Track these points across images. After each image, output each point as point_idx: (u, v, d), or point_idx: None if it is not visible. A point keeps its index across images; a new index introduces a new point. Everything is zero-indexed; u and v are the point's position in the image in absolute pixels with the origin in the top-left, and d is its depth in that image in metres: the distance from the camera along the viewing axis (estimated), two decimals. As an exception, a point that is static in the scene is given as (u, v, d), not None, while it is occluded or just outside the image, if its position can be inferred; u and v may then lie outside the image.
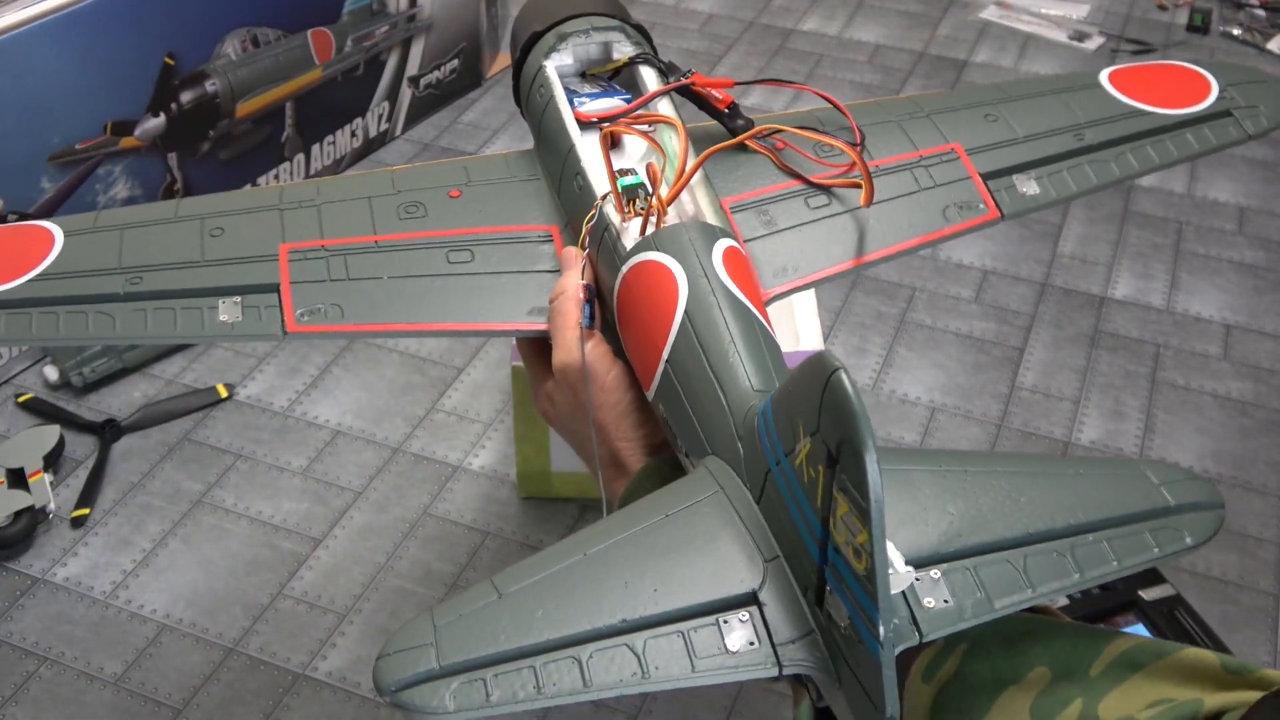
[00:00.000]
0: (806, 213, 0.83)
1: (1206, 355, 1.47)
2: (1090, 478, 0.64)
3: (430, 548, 1.23)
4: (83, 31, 1.34)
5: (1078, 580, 0.60)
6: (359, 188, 0.85)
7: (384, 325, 0.78)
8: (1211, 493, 0.64)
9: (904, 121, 0.90)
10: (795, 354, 1.16)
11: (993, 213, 0.85)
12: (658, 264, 0.72)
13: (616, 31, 0.88)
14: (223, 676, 1.11)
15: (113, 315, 0.78)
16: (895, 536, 0.58)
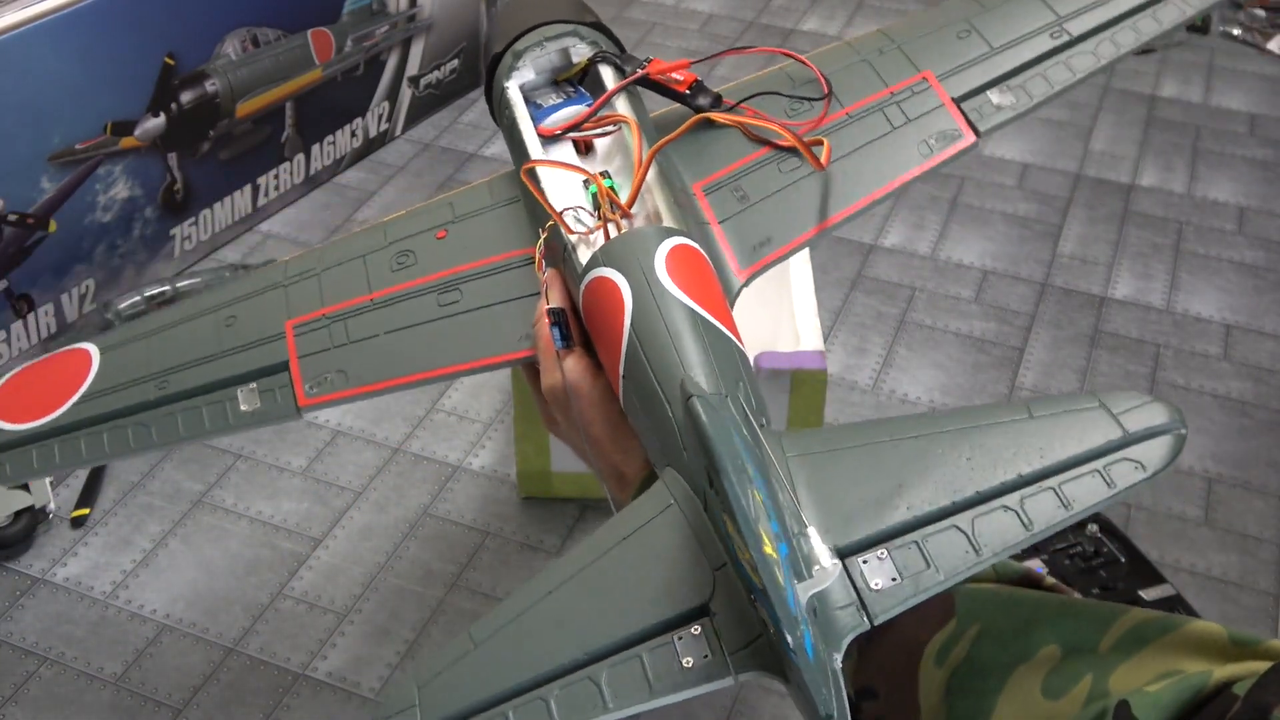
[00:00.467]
0: (780, 179, 0.82)
1: (1206, 355, 1.47)
2: (1042, 420, 0.62)
3: (430, 548, 1.23)
4: (83, 31, 1.34)
5: (1028, 536, 0.59)
6: (355, 248, 0.87)
7: (386, 383, 0.80)
8: (1171, 414, 0.60)
9: (874, 59, 0.88)
10: (796, 354, 1.16)
11: (969, 136, 0.84)
12: (605, 279, 0.72)
13: (570, 36, 0.87)
14: (223, 676, 1.11)
15: (148, 424, 0.82)
16: (834, 525, 0.59)
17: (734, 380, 0.67)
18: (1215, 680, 0.58)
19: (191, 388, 0.82)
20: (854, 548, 0.59)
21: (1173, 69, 2.06)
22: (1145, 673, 0.60)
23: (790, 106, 0.85)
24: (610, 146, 0.84)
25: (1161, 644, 0.62)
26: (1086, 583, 1.08)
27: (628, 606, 0.59)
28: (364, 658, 1.12)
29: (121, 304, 1.40)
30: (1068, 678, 0.61)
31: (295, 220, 1.68)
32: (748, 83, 0.88)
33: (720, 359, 0.67)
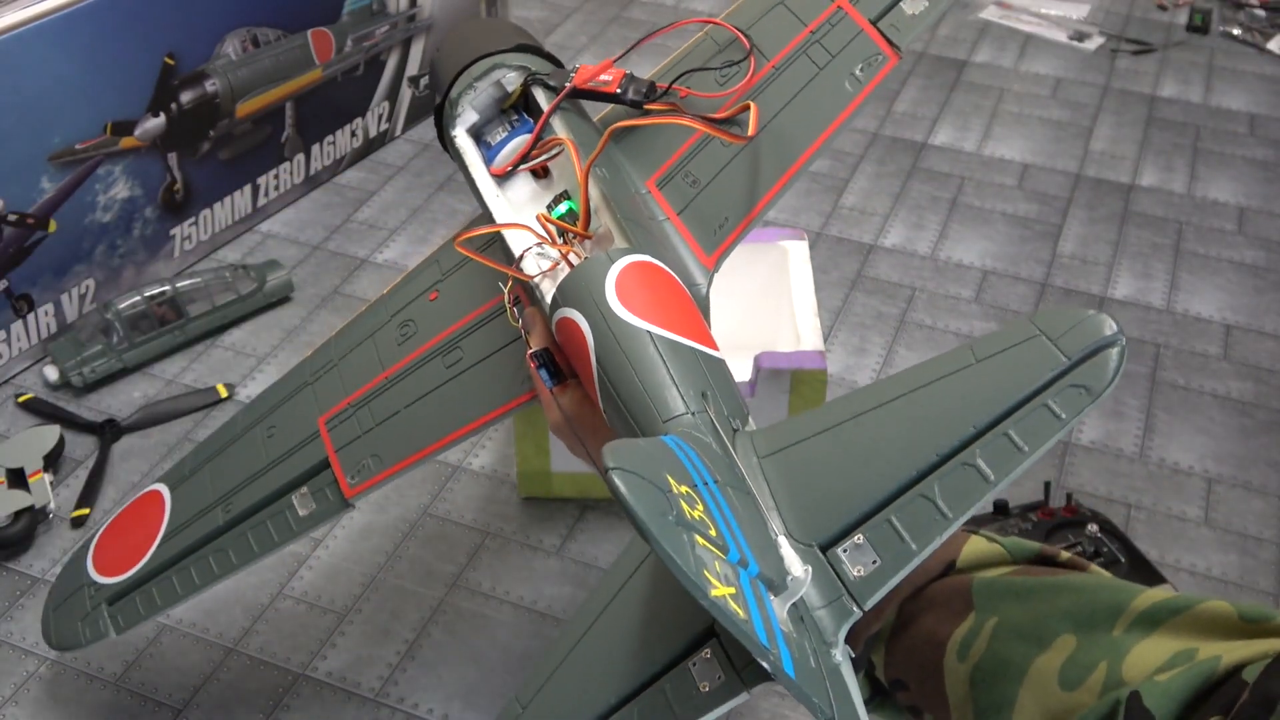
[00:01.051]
0: (725, 153, 0.84)
1: (1206, 355, 1.47)
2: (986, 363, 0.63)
3: (430, 548, 1.23)
4: (83, 31, 1.34)
5: (992, 484, 0.60)
6: (363, 329, 0.92)
7: (417, 455, 0.86)
8: (1103, 327, 0.61)
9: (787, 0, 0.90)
10: (796, 354, 1.16)
11: (891, 57, 0.85)
12: (567, 319, 0.74)
13: (495, 70, 0.88)
14: (223, 676, 1.11)
15: (225, 548, 0.91)
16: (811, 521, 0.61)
17: (700, 394, 0.68)
18: (1225, 665, 0.59)
19: (252, 504, 0.90)
20: (832, 539, 0.61)
21: (1173, 69, 2.06)
22: (1158, 654, 0.61)
23: (720, 76, 0.87)
24: (564, 163, 0.86)
25: (1173, 624, 0.63)
26: (1086, 583, 1.08)
27: (644, 645, 0.61)
28: (364, 658, 1.12)
29: (121, 304, 1.40)
30: (1083, 667, 0.63)
31: (295, 220, 1.68)
32: (676, 62, 0.90)
33: (684, 376, 0.69)
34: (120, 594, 0.96)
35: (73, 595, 0.99)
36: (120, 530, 0.99)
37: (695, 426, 0.66)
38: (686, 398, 0.67)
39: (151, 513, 0.96)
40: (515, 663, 1.12)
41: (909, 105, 1.95)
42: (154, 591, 0.94)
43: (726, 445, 0.65)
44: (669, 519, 0.51)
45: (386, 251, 1.62)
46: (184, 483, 0.96)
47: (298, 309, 1.53)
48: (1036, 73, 2.04)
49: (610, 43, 2.10)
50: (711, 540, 0.53)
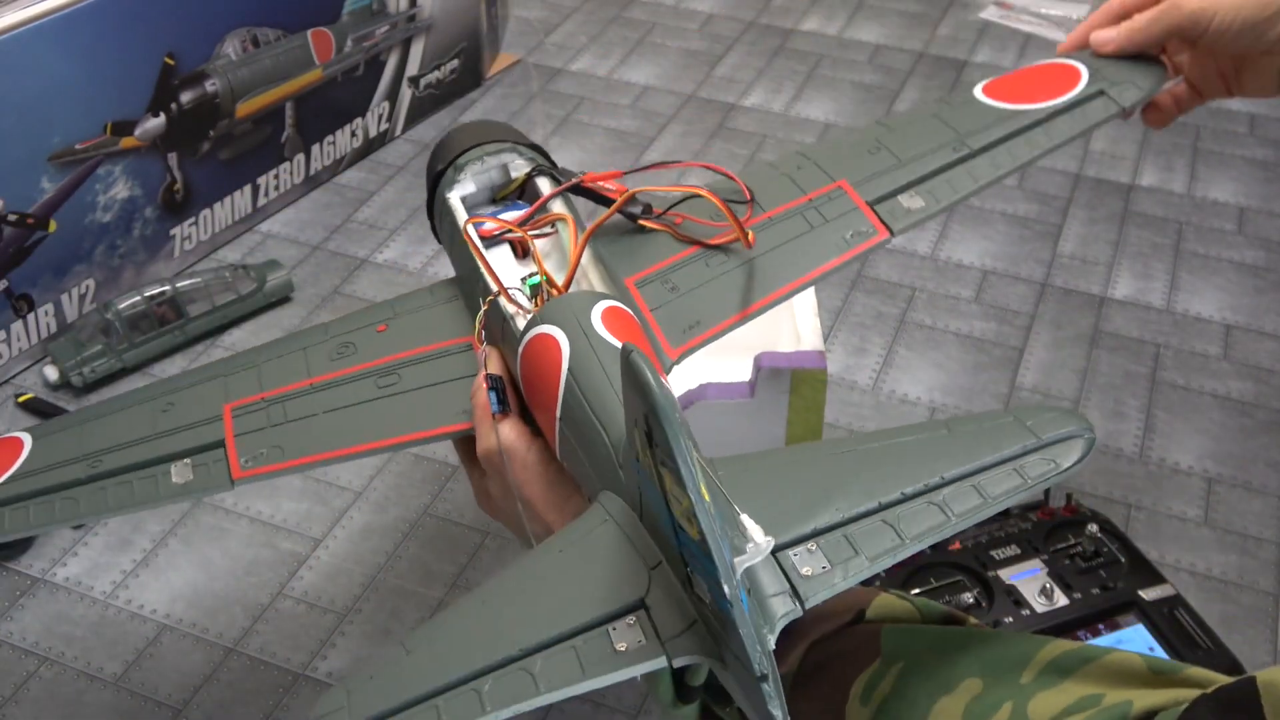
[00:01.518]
0: (707, 273, 0.87)
1: (1206, 355, 1.47)
2: (962, 434, 0.66)
3: (430, 548, 1.23)
4: (83, 31, 1.34)
5: (950, 521, 0.62)
6: (295, 343, 0.90)
7: (321, 455, 0.82)
8: (1079, 421, 0.66)
9: (792, 172, 0.94)
10: (796, 354, 1.16)
11: (882, 233, 0.89)
12: (544, 334, 0.75)
13: (509, 153, 0.92)
14: (223, 676, 1.11)
15: (76, 498, 0.83)
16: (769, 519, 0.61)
17: None
18: (1137, 710, 0.59)
19: (124, 465, 0.83)
20: (784, 544, 0.62)
21: (1173, 69, 2.06)
22: (1065, 699, 0.61)
23: (715, 213, 0.90)
24: (546, 248, 0.88)
25: (1082, 674, 0.63)
26: (1086, 583, 1.08)
27: (563, 606, 0.61)
28: (364, 658, 1.12)
29: (121, 304, 1.40)
30: (988, 706, 0.63)
31: (295, 220, 1.68)
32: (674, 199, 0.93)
33: None
34: None
35: None
36: None
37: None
38: None
39: (4, 456, 0.88)
40: (515, 663, 1.12)
41: (909, 105, 1.95)
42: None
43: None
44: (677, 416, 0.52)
45: (386, 251, 1.62)
46: (50, 435, 0.88)
47: (298, 309, 1.53)
48: (1036, 73, 2.04)
49: (610, 43, 2.10)
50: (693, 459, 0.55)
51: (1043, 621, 1.04)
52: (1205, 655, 1.02)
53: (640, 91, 1.97)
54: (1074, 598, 1.06)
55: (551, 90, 1.97)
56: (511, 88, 1.98)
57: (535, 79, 2.00)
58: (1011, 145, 0.94)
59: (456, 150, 0.93)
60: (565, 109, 1.92)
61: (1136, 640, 1.04)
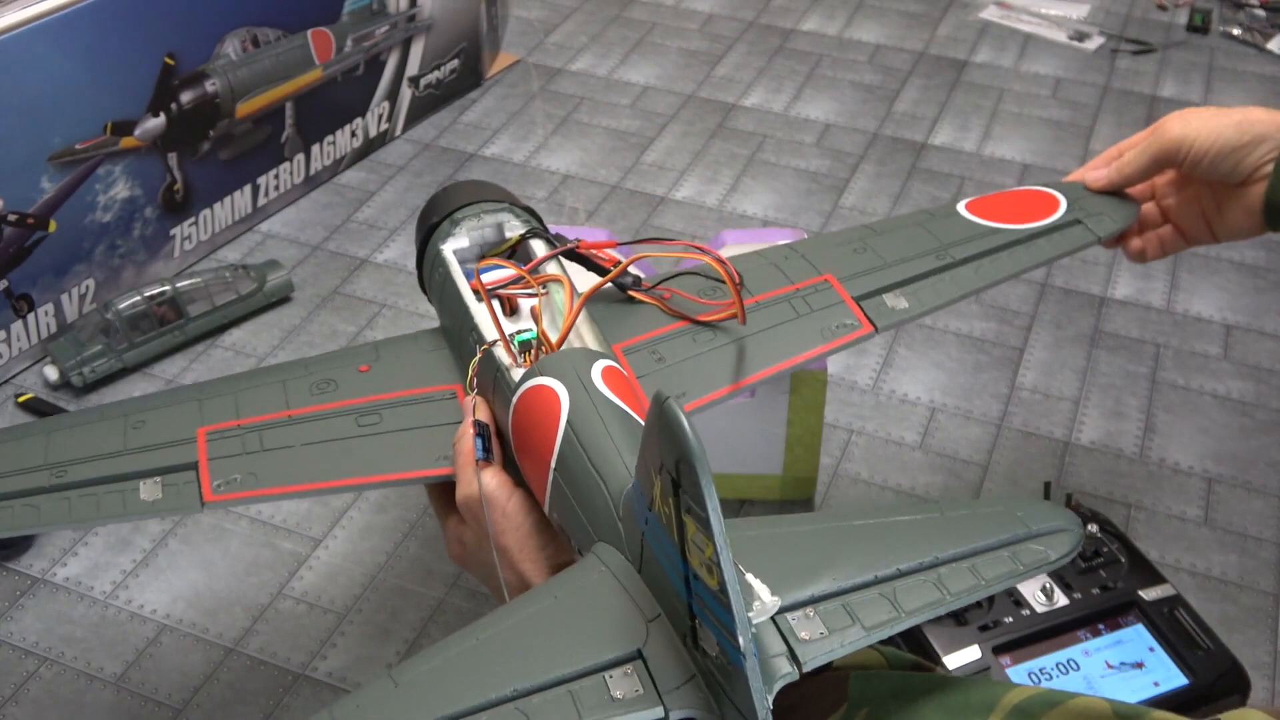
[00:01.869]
0: (694, 347, 0.89)
1: (1206, 355, 1.47)
2: (957, 519, 0.69)
3: (430, 548, 1.23)
4: (83, 31, 1.34)
5: (946, 599, 0.64)
6: (274, 374, 0.90)
7: (296, 486, 0.82)
8: (1069, 518, 0.69)
9: (780, 262, 0.96)
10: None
11: (866, 327, 0.91)
12: (542, 386, 0.76)
13: (505, 213, 0.94)
14: (223, 676, 1.11)
15: (37, 505, 0.80)
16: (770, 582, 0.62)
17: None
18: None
19: (91, 478, 0.81)
20: (784, 608, 0.63)
21: (1173, 69, 2.06)
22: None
23: (704, 291, 0.92)
24: (537, 308, 0.89)
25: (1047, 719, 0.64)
26: (1086, 583, 1.08)
27: (558, 651, 0.61)
28: (364, 658, 1.12)
29: (121, 304, 1.40)
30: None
31: (295, 220, 1.68)
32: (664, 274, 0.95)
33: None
34: None
35: None
36: None
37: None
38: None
39: None
40: (515, 663, 1.12)
41: (909, 105, 1.95)
42: None
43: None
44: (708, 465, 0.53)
45: (386, 251, 1.62)
46: (12, 440, 0.85)
47: (298, 309, 1.53)
48: (1036, 73, 2.04)
49: (610, 42, 2.10)
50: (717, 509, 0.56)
51: (1043, 621, 1.04)
52: (1205, 655, 1.02)
53: (640, 91, 1.97)
54: (1074, 598, 1.06)
55: (551, 90, 1.97)
56: (511, 88, 1.98)
57: (535, 79, 2.00)
58: (994, 259, 0.98)
59: (453, 206, 0.95)
60: (565, 109, 1.92)
61: (1137, 640, 1.04)
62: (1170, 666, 1.02)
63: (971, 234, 1.00)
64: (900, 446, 1.34)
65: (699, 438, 0.53)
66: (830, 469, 1.31)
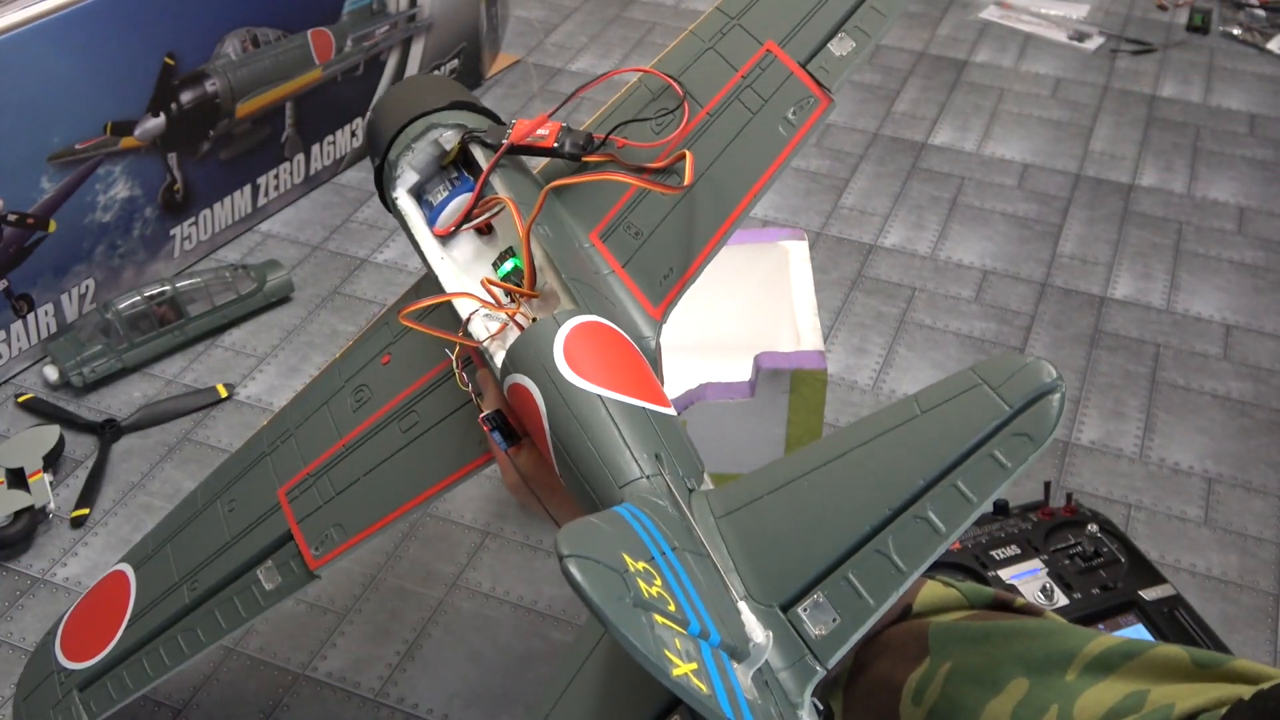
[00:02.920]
0: (666, 203, 0.85)
1: (1206, 355, 1.47)
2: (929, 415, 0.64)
3: (430, 548, 1.23)
4: (83, 31, 1.34)
5: (945, 535, 0.61)
6: (316, 397, 0.92)
7: (377, 525, 0.85)
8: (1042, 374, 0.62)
9: (717, 43, 0.90)
10: (796, 354, 1.16)
11: (823, 100, 0.86)
12: (519, 385, 0.74)
13: (433, 130, 0.88)
14: (223, 676, 1.11)
15: (193, 628, 0.90)
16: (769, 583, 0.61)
17: (654, 456, 0.68)
18: (1179, 713, 0.59)
19: (218, 581, 0.89)
20: (792, 598, 0.61)
21: (1173, 69, 2.06)
22: (1109, 698, 0.62)
23: (655, 125, 0.88)
24: (508, 220, 0.85)
25: (1125, 670, 0.63)
26: (1086, 583, 1.08)
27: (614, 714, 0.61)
28: (364, 658, 1.12)
29: (121, 304, 1.40)
30: (1035, 710, 0.63)
31: (295, 220, 1.68)
32: (610, 112, 0.90)
33: (637, 439, 0.69)
34: (91, 679, 0.94)
35: (43, 683, 0.96)
36: (86, 613, 0.98)
37: (651, 491, 0.66)
38: (641, 461, 0.68)
39: (117, 594, 0.95)
40: (515, 663, 1.12)
41: (909, 105, 1.95)
42: (124, 675, 0.92)
43: (683, 508, 0.65)
44: (626, 602, 0.51)
45: (386, 251, 1.62)
46: (148, 562, 0.95)
47: (298, 309, 1.53)
48: (1036, 73, 2.04)
49: (610, 42, 2.10)
50: (671, 616, 0.54)
51: (1043, 621, 1.04)
52: (1205, 655, 1.02)
53: (640, 91, 1.97)
54: (1074, 597, 1.06)
55: (551, 90, 1.97)
56: (511, 88, 1.98)
57: (535, 79, 2.00)
58: None
59: (384, 138, 0.90)
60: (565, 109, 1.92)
61: (1136, 640, 1.04)
62: (1170, 666, 1.02)
63: None
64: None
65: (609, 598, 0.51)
66: (830, 469, 1.30)
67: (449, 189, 0.87)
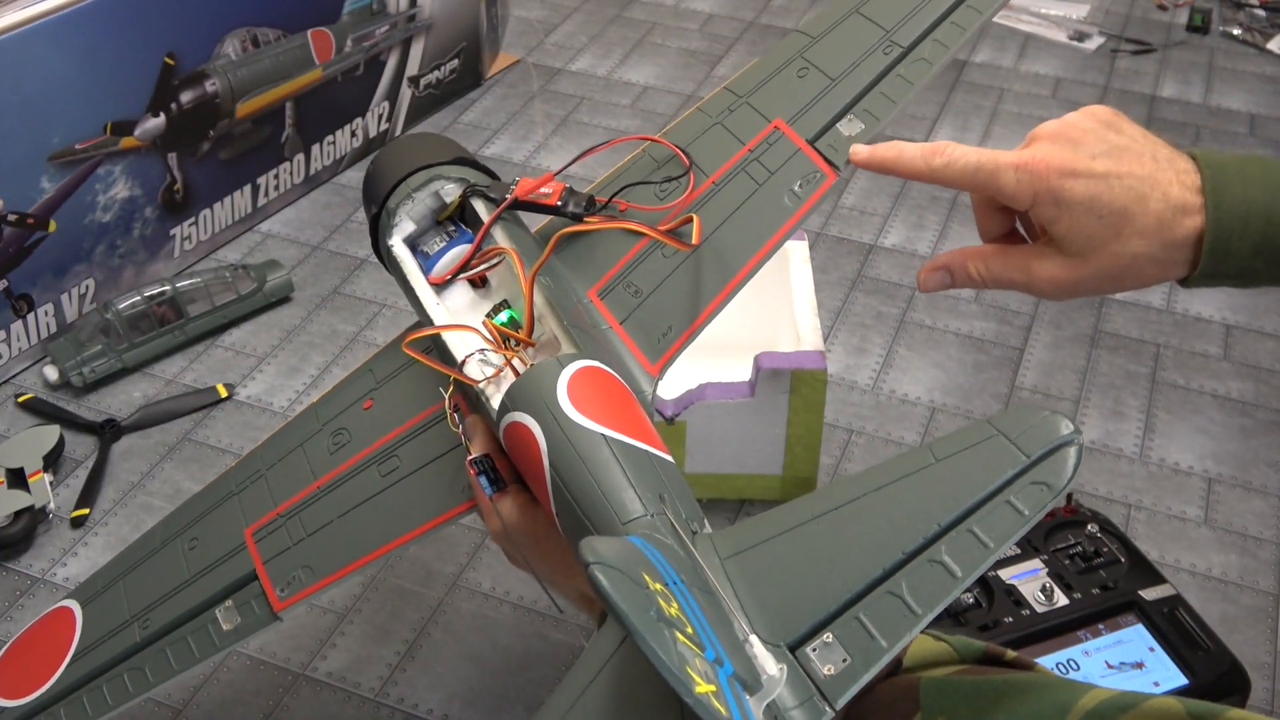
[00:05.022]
0: (666, 264, 0.84)
1: (1206, 355, 1.47)
2: (946, 463, 0.64)
3: (430, 548, 1.23)
4: (83, 31, 1.34)
5: (960, 581, 0.60)
6: (292, 439, 0.89)
7: (347, 569, 0.82)
8: (1060, 426, 0.62)
9: (725, 119, 0.91)
10: (796, 354, 1.16)
11: (829, 175, 0.86)
12: (518, 424, 0.73)
13: (435, 181, 0.88)
14: (223, 676, 1.11)
15: (141, 666, 0.85)
16: (778, 621, 0.60)
17: (658, 496, 0.68)
18: None
19: (172, 620, 0.85)
20: (802, 638, 0.60)
21: (1173, 69, 2.06)
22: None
23: (659, 190, 0.87)
24: (503, 275, 0.85)
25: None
26: (1086, 583, 1.08)
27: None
28: (364, 658, 1.12)
29: (121, 304, 1.40)
30: None
31: (295, 220, 1.68)
32: (615, 176, 0.90)
33: (641, 478, 0.68)
34: (24, 718, 0.88)
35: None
36: (24, 650, 0.92)
37: (654, 528, 0.65)
38: (645, 499, 0.67)
39: (60, 631, 0.90)
40: (515, 663, 1.12)
41: (909, 105, 1.94)
42: (61, 714, 0.87)
43: (688, 546, 0.65)
44: (651, 614, 0.51)
45: (386, 251, 1.62)
46: (97, 599, 0.90)
47: (298, 309, 1.53)
48: (1036, 73, 2.04)
49: (610, 42, 2.10)
50: (689, 638, 0.53)
51: (1042, 621, 1.04)
52: (1205, 655, 1.02)
53: (640, 91, 1.97)
54: (1074, 598, 1.06)
55: (551, 90, 1.97)
56: (511, 88, 1.98)
57: (535, 79, 2.00)
58: (943, 29, 0.90)
59: (383, 187, 0.89)
60: (565, 109, 1.92)
61: (1137, 640, 1.04)
62: (1170, 666, 1.02)
63: (913, 4, 0.91)
64: (900, 446, 1.34)
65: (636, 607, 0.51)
66: (830, 469, 1.31)
67: (446, 240, 0.87)
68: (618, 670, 0.62)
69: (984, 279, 0.76)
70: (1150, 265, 0.73)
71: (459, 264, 0.85)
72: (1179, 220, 0.72)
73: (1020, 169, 0.75)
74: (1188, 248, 0.72)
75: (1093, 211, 0.73)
